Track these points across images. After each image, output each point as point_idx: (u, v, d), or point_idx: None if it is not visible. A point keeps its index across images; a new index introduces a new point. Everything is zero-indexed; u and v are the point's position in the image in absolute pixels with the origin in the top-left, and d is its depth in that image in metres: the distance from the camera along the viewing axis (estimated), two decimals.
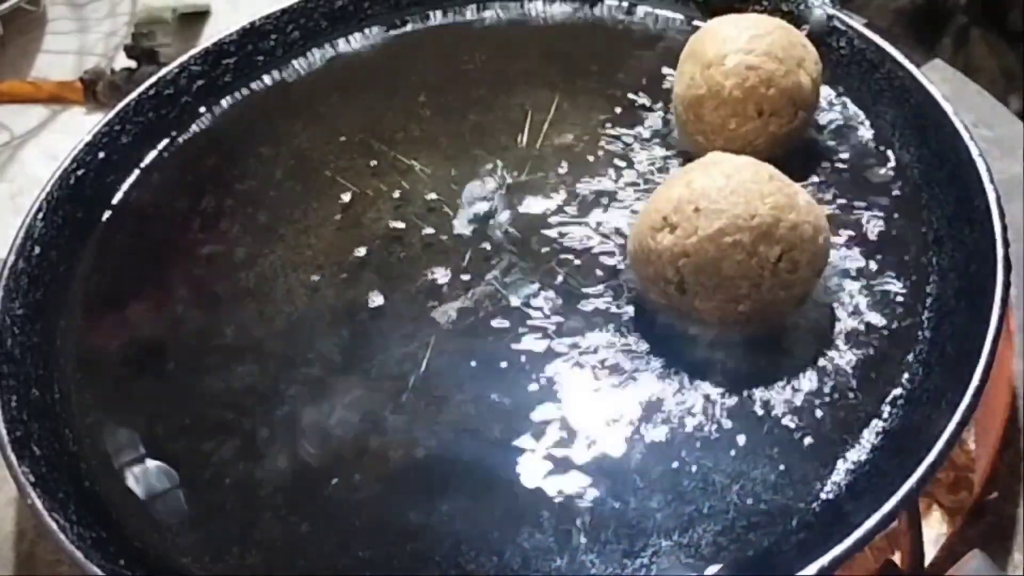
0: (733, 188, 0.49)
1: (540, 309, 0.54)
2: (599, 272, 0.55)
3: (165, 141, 0.67)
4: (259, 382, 0.54)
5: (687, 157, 0.59)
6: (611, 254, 0.56)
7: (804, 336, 0.51)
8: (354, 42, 0.73)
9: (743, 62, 0.56)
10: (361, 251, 0.59)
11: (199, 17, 0.92)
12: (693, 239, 0.49)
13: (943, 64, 0.75)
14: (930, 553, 0.51)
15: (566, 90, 0.66)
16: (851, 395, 0.49)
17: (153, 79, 0.68)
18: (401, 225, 0.60)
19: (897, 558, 0.50)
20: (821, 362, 0.51)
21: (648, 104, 0.64)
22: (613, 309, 0.54)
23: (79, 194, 0.62)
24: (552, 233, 0.58)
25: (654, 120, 0.63)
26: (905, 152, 0.59)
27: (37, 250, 0.59)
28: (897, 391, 0.49)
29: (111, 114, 0.66)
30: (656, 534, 0.46)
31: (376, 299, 0.56)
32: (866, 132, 0.61)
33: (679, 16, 0.70)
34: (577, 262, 0.56)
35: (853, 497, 0.46)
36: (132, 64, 0.86)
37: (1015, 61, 0.82)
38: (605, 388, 0.51)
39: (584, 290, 0.55)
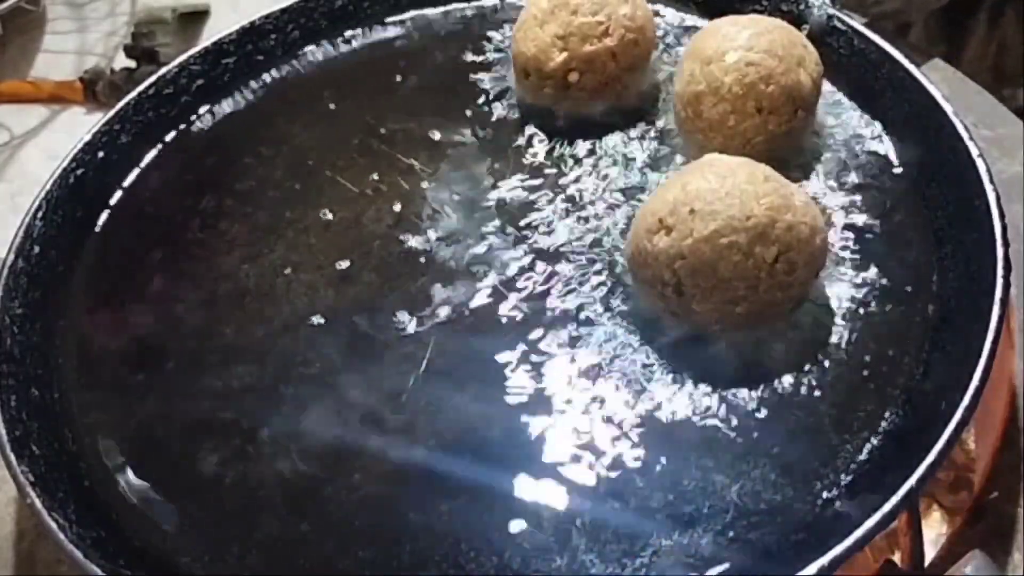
0: (728, 190, 0.49)
1: (540, 310, 0.54)
2: (598, 274, 0.55)
3: (165, 141, 0.67)
4: (259, 382, 0.54)
5: (686, 158, 0.59)
6: (610, 256, 0.56)
7: (803, 336, 0.51)
8: (354, 42, 0.73)
9: (743, 59, 0.56)
10: (361, 251, 0.59)
11: (199, 17, 0.91)
12: (689, 241, 0.49)
13: (943, 64, 0.75)
14: (930, 553, 0.51)
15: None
16: (851, 395, 0.49)
17: (153, 79, 0.68)
18: (401, 225, 0.60)
19: (897, 558, 0.50)
20: (820, 362, 0.51)
21: (647, 104, 0.64)
22: (612, 311, 0.54)
23: (79, 194, 0.62)
24: (552, 233, 0.58)
25: (653, 120, 0.63)
26: (905, 152, 0.59)
27: (37, 249, 0.59)
28: (897, 391, 0.49)
29: (111, 114, 0.66)
30: (656, 534, 0.46)
31: (376, 298, 0.56)
32: (866, 132, 0.61)
33: (679, 16, 0.70)
34: (576, 264, 0.56)
35: (853, 497, 0.46)
36: (132, 64, 0.86)
37: None
38: (604, 389, 0.51)
39: (583, 292, 0.55)
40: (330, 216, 0.61)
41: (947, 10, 0.85)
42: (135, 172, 0.65)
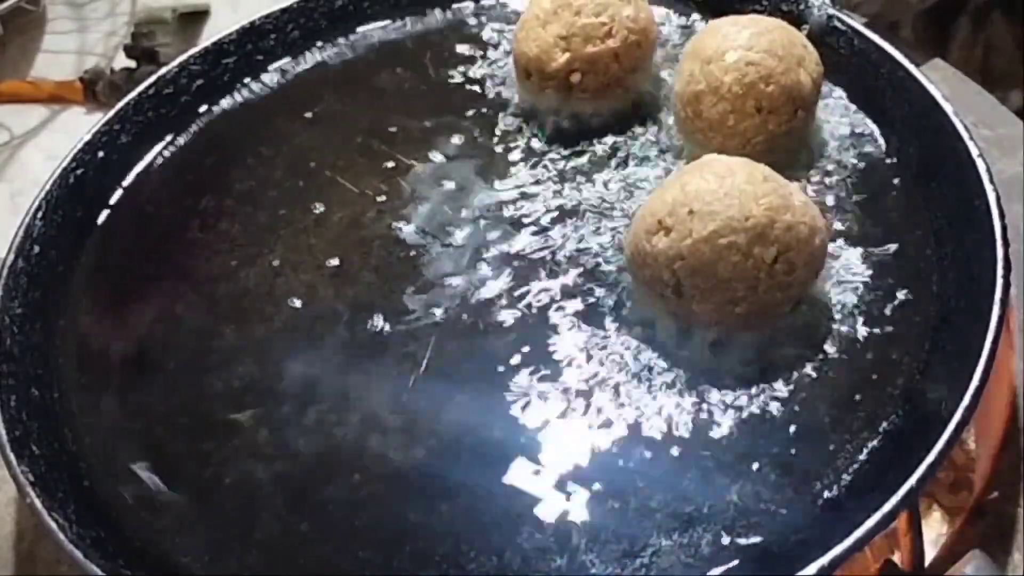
0: (727, 190, 0.49)
1: (539, 311, 0.54)
2: (597, 275, 0.55)
3: (165, 141, 0.67)
4: (259, 382, 0.54)
5: (685, 158, 0.59)
6: (609, 257, 0.56)
7: (803, 337, 0.51)
8: (354, 42, 0.73)
9: (743, 58, 0.56)
10: (361, 251, 0.59)
11: (199, 17, 0.91)
12: (688, 242, 0.49)
13: (943, 64, 0.75)
14: (930, 553, 0.51)
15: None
16: (851, 395, 0.49)
17: (153, 79, 0.68)
18: (401, 225, 0.60)
19: (897, 558, 0.50)
20: (820, 362, 0.51)
21: (647, 104, 0.64)
22: (611, 312, 0.53)
23: (79, 194, 0.62)
24: (551, 235, 0.58)
25: (653, 120, 0.63)
26: (905, 152, 0.59)
27: (36, 249, 0.59)
28: (897, 391, 0.49)
29: (111, 114, 0.66)
30: (656, 534, 0.46)
31: (376, 298, 0.56)
32: (866, 132, 0.61)
33: (679, 16, 0.70)
34: (576, 265, 0.56)
35: (853, 497, 0.46)
36: (132, 64, 0.86)
37: None
38: (604, 389, 0.51)
39: (582, 293, 0.55)
40: (330, 216, 0.61)
41: (932, 12, 0.85)
42: (135, 172, 0.65)
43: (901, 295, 0.53)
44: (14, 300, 0.56)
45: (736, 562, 0.44)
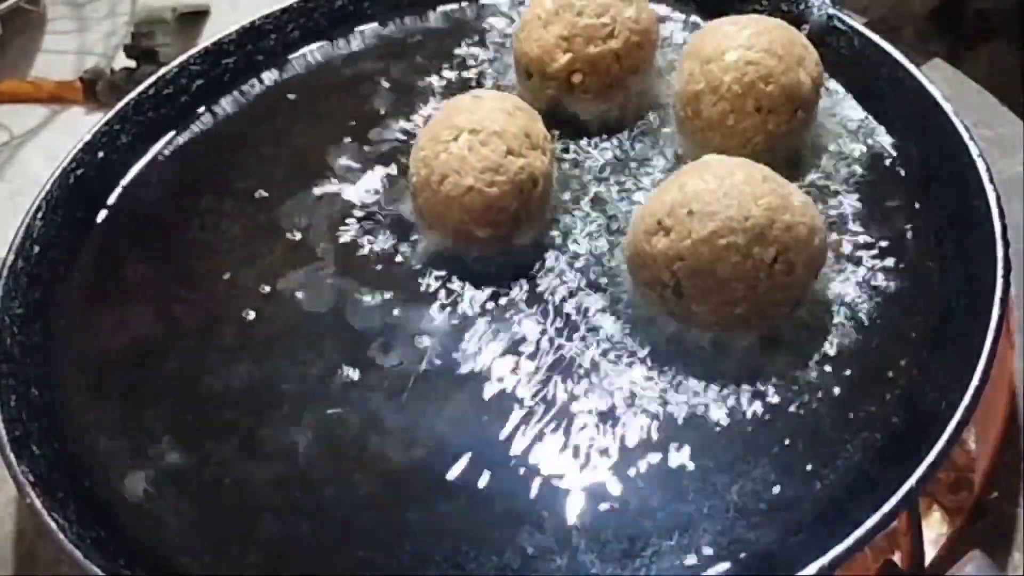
0: (726, 190, 0.49)
1: (540, 311, 0.54)
2: (597, 275, 0.55)
3: (164, 141, 0.67)
4: (259, 382, 0.54)
5: (685, 158, 0.59)
6: (608, 258, 0.56)
7: (803, 336, 0.51)
8: (354, 42, 0.73)
9: (743, 58, 0.56)
10: (362, 250, 0.59)
11: (199, 17, 0.91)
12: (687, 242, 0.49)
13: (943, 64, 0.75)
14: (930, 553, 0.51)
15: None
16: (851, 395, 0.49)
17: (153, 79, 0.68)
18: (402, 225, 0.60)
19: (897, 558, 0.50)
20: (820, 362, 0.51)
21: (647, 104, 0.64)
22: (611, 313, 0.53)
23: (78, 194, 0.62)
24: (551, 234, 0.58)
25: (653, 120, 0.63)
26: (905, 152, 0.59)
27: (36, 249, 0.59)
28: (897, 391, 0.49)
29: (110, 114, 0.65)
30: (656, 534, 0.46)
31: (377, 298, 0.56)
32: (866, 132, 0.61)
33: (679, 16, 0.70)
34: (575, 265, 0.56)
35: (853, 497, 0.46)
36: (132, 64, 0.85)
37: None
38: (605, 390, 0.51)
39: (582, 293, 0.55)
40: (330, 216, 0.61)
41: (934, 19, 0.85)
42: (135, 172, 0.65)
43: (901, 295, 0.53)
44: (14, 300, 0.56)
45: (736, 562, 0.45)
